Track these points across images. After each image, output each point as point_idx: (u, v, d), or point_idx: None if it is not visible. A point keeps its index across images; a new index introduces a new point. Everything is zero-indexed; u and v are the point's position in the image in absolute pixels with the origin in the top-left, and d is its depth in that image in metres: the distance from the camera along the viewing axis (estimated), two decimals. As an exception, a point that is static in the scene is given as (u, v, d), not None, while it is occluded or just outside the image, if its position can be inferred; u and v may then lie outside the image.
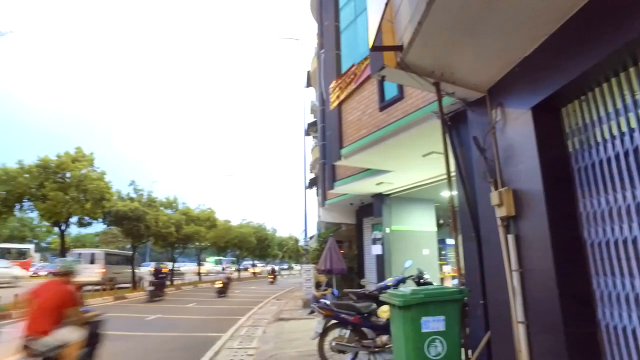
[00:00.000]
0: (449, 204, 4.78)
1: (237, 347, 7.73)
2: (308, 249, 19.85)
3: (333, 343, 5.65)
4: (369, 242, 12.98)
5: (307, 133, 26.17)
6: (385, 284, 7.39)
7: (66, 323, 4.27)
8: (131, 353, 7.34)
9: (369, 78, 7.50)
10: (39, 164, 14.41)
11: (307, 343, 7.16)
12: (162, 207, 23.78)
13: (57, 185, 14.20)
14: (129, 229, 20.32)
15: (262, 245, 40.51)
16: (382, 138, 7.08)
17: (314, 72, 23.44)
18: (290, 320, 11.15)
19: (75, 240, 53.49)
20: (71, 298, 4.36)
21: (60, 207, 13.95)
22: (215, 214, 31.80)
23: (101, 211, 15.93)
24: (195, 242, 28.99)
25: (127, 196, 21.17)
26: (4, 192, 13.89)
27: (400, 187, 10.63)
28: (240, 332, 9.42)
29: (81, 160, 15.05)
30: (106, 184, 15.44)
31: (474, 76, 4.04)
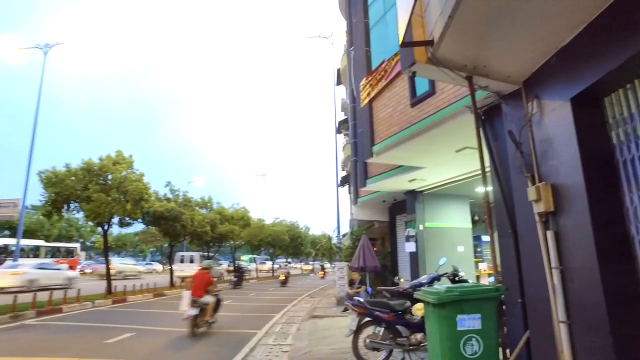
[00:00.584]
0: (484, 200, 4.66)
1: (272, 343, 7.86)
2: (341, 247, 19.87)
3: (367, 340, 5.64)
4: (402, 239, 12.85)
5: (339, 131, 26.16)
6: (419, 281, 7.30)
7: (208, 293, 9.19)
8: (169, 349, 7.59)
9: (400, 74, 7.43)
10: (83, 167, 15.14)
11: (341, 340, 7.19)
12: (197, 207, 24.38)
13: (100, 187, 14.86)
14: (166, 229, 20.99)
15: (295, 243, 40.83)
16: (414, 134, 6.99)
17: (344, 70, 23.40)
18: (324, 317, 11.21)
19: (116, 240, 55.87)
20: (210, 281, 9.46)
21: (103, 208, 14.60)
22: (249, 213, 32.35)
23: (140, 211, 16.52)
24: (229, 240, 29.58)
25: (164, 197, 21.86)
26: (54, 193, 14.69)
27: (433, 183, 10.46)
28: (275, 329, 9.56)
29: (121, 162, 15.67)
30: (145, 185, 16.00)
31: (508, 68, 3.92)
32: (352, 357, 5.80)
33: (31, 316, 10.71)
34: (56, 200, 14.83)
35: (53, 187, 14.62)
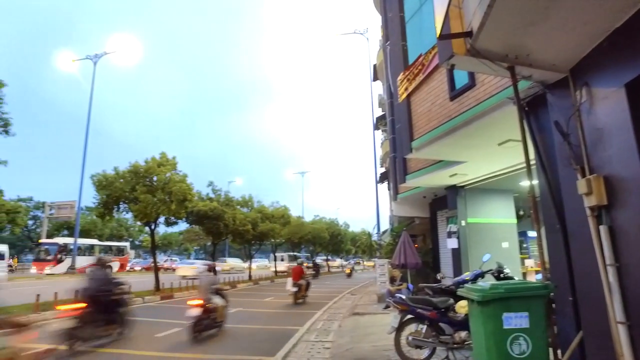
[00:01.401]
0: (529, 194, 4.49)
1: (313, 340, 7.93)
2: (381, 244, 19.71)
3: (409, 338, 5.57)
4: (443, 235, 12.58)
5: (376, 127, 25.93)
6: (462, 278, 7.13)
7: (302, 278, 14.83)
8: (213, 343, 7.84)
9: (438, 68, 7.26)
10: (130, 170, 15.87)
11: (383, 337, 7.14)
12: (238, 206, 24.96)
13: (147, 188, 15.52)
14: (209, 228, 21.64)
15: (335, 240, 40.92)
16: (454, 128, 6.83)
17: (380, 65, 23.16)
18: (366, 314, 11.18)
19: (162, 239, 58.28)
20: (303, 271, 15.34)
21: (149, 209, 15.25)
22: (289, 211, 32.74)
23: (184, 211, 17.10)
24: (270, 238, 30.07)
25: (206, 196, 22.55)
26: (105, 195, 15.52)
27: (475, 178, 10.17)
28: (317, 326, 9.63)
29: (165, 164, 16.29)
30: (188, 185, 16.55)
31: (554, 56, 3.75)
32: (394, 355, 5.75)
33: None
34: (107, 201, 15.65)
35: (104, 190, 15.45)
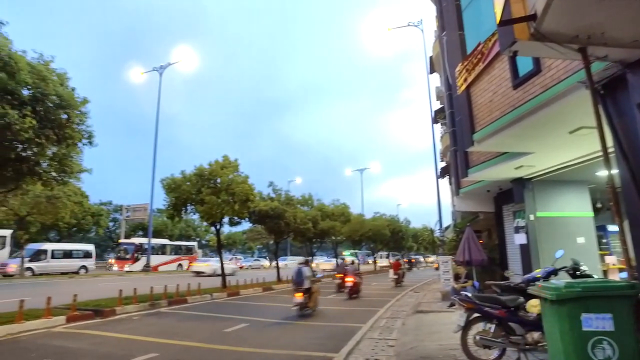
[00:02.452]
0: (608, 185, 4.14)
1: (377, 337, 7.91)
2: (444, 240, 19.17)
3: (477, 337, 5.37)
4: (510, 230, 11.96)
5: (435, 120, 25.21)
6: (533, 275, 6.73)
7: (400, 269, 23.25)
8: (279, 339, 8.06)
9: (499, 55, 6.92)
10: (196, 173, 16.73)
11: (449, 336, 6.96)
12: (299, 205, 25.38)
13: (211, 190, 16.28)
14: (271, 226, 22.23)
15: (396, 237, 40.32)
16: (518, 118, 6.47)
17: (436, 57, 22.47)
18: (429, 312, 10.94)
19: (227, 238, 60.76)
20: (400, 264, 23.98)
21: (214, 209, 15.98)
22: (349, 209, 32.79)
23: (247, 211, 17.72)
24: (331, 236, 30.30)
25: (267, 196, 23.18)
26: (174, 198, 16.52)
27: (544, 169, 9.55)
28: (380, 324, 9.59)
29: (228, 166, 16.97)
30: (250, 186, 17.13)
31: (634, 31, 3.42)
32: (461, 354, 5.58)
33: (164, 305, 12.20)
34: (176, 203, 16.63)
35: (173, 193, 16.44)
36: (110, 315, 10.25)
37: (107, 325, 9.03)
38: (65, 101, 8.43)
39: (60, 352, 6.61)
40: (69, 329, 8.59)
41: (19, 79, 7.65)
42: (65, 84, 8.64)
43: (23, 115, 7.57)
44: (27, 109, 7.76)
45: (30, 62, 8.05)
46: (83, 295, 11.12)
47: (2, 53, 7.42)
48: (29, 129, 7.60)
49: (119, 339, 7.62)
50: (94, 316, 9.95)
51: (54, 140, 8.38)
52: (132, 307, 11.15)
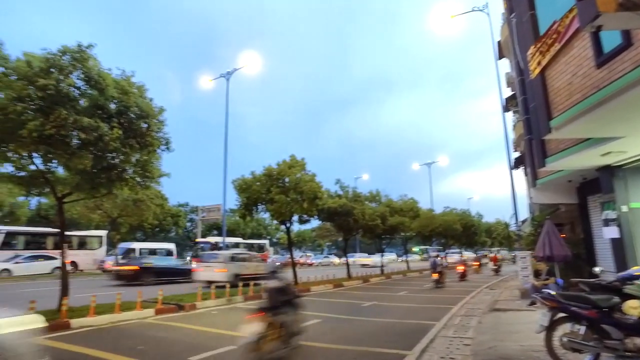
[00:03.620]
0: None
1: (451, 335, 7.66)
2: (520, 234, 18.05)
3: (564, 339, 4.97)
4: (597, 223, 10.94)
5: (506, 109, 23.80)
6: (629, 273, 6.10)
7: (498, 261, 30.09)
8: (352, 335, 8.10)
9: (578, 33, 6.36)
10: (265, 173, 17.31)
11: (531, 337, 6.56)
12: (366, 201, 25.27)
13: (280, 189, 16.76)
14: (340, 224, 22.37)
15: (468, 232, 38.68)
16: (604, 100, 5.90)
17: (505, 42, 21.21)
18: (508, 311, 10.38)
19: (297, 236, 62.23)
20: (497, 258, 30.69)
21: (284, 208, 16.43)
22: (418, 204, 32.06)
23: (315, 209, 18.01)
24: (400, 232, 29.82)
25: (335, 194, 23.34)
26: (245, 198, 17.25)
27: (637, 155, 8.62)
28: (454, 321, 9.27)
29: (295, 165, 17.35)
30: (317, 184, 17.37)
31: None
32: (545, 356, 5.22)
33: (240, 300, 12.82)
34: (247, 203, 17.35)
35: (244, 193, 17.17)
36: (192, 310, 10.98)
37: (189, 319, 9.68)
38: (145, 111, 9.14)
39: (152, 341, 7.22)
40: (157, 320, 9.34)
41: (107, 94, 8.44)
42: (144, 96, 9.36)
43: (111, 127, 8.34)
44: (114, 121, 8.54)
45: (115, 79, 8.83)
46: (167, 290, 12.02)
47: (93, 73, 8.22)
48: (116, 139, 8.35)
49: (200, 331, 8.14)
50: (177, 310, 10.73)
51: (136, 148, 9.13)
52: (210, 302, 11.85)
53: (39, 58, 7.86)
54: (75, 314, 8.77)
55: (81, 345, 6.76)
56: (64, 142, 8.00)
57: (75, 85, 8.24)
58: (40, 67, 7.73)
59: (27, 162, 8.92)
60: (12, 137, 7.77)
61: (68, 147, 8.11)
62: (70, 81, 8.06)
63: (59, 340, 7.12)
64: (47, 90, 7.57)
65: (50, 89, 7.58)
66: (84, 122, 7.81)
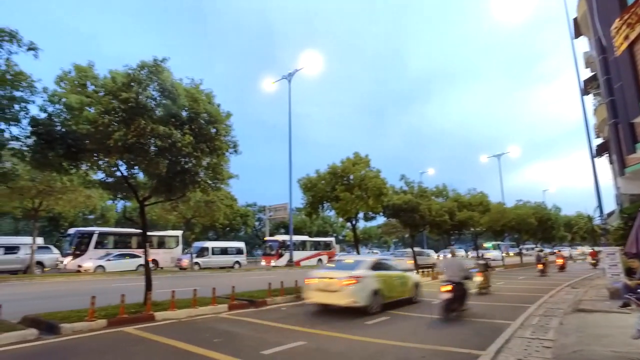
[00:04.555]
0: None
1: (529, 336, 7.22)
2: (607, 228, 16.53)
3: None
4: None
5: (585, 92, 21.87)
6: None
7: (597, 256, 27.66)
8: (421, 333, 7.93)
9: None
10: (329, 171, 17.49)
11: (624, 342, 6.02)
12: (433, 197, 24.63)
13: (345, 187, 16.83)
14: (406, 220, 22.00)
15: (544, 226, 36.18)
16: None
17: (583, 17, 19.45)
18: (594, 312, 9.58)
19: (363, 233, 62.14)
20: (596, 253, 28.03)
21: (349, 205, 16.48)
22: (488, 198, 30.61)
23: (381, 205, 17.86)
24: (469, 227, 28.69)
25: (400, 190, 23.00)
26: (311, 196, 17.55)
27: None
28: (532, 322, 8.74)
29: (359, 163, 17.34)
30: (382, 180, 17.21)
31: None
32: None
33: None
34: (313, 202, 17.64)
35: (309, 191, 17.48)
36: (262, 306, 11.38)
37: (261, 314, 10.05)
38: (213, 117, 9.63)
39: (226, 334, 7.60)
40: (231, 315, 9.81)
41: (179, 103, 9.02)
42: (212, 102, 9.86)
43: (183, 133, 8.89)
44: (185, 128, 9.10)
45: (185, 87, 9.40)
46: (239, 287, 12.57)
47: (167, 84, 8.83)
48: (189, 144, 8.89)
49: (271, 327, 8.42)
50: (249, 305, 11.18)
51: (207, 152, 9.65)
52: (280, 298, 12.20)
53: (122, 74, 8.59)
54: (159, 307, 9.48)
55: (165, 336, 7.29)
56: (143, 150, 8.68)
57: (151, 96, 8.90)
58: (123, 82, 8.44)
59: (113, 169, 9.82)
60: (101, 147, 8.58)
61: (147, 154, 8.78)
62: (147, 93, 8.74)
63: (146, 331, 7.74)
64: (129, 103, 8.25)
65: (131, 101, 8.26)
66: (159, 130, 8.41)
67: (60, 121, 8.71)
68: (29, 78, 7.91)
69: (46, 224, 38.79)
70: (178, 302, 9.80)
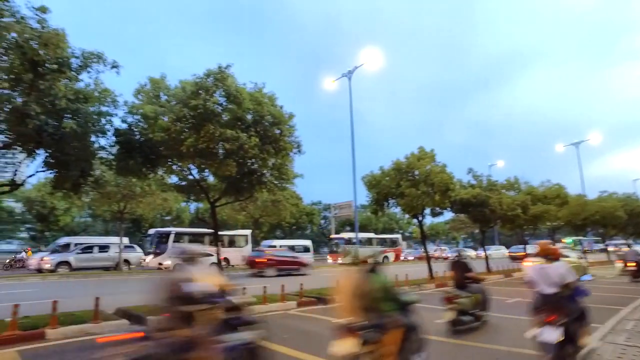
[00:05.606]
0: None
1: (623, 343, 6.57)
2: None
3: None
4: None
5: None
6: None
7: None
8: (502, 334, 7.53)
9: None
10: (394, 167, 17.19)
11: None
12: (503, 190, 23.30)
13: (410, 182, 16.44)
14: (475, 215, 21.01)
15: (636, 220, 32.73)
16: None
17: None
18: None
19: (430, 229, 60.53)
20: None
21: (415, 201, 16.08)
22: (565, 189, 28.38)
23: (448, 200, 17.25)
24: (545, 222, 26.77)
25: (467, 184, 22.02)
26: (375, 193, 17.39)
27: None
28: (625, 326, 7.94)
29: (424, 157, 16.84)
30: (449, 175, 16.59)
31: None
32: None
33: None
34: (377, 199, 17.47)
35: (374, 188, 17.33)
36: (331, 303, 11.47)
37: (329, 311, 10.13)
38: (277, 118, 9.89)
39: (295, 331, 7.78)
40: (299, 312, 10.01)
41: (244, 107, 9.39)
42: (275, 104, 10.13)
43: (249, 136, 9.23)
44: (251, 131, 9.44)
45: (249, 92, 9.75)
46: (307, 284, 12.79)
47: (231, 89, 9.23)
48: (255, 146, 9.23)
49: (341, 325, 8.44)
50: (317, 302, 11.32)
51: (272, 153, 9.95)
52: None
53: (190, 83, 9.12)
54: (232, 303, 9.93)
55: (238, 332, 7.60)
56: (213, 153, 9.15)
57: (218, 102, 9.35)
58: (192, 90, 8.95)
59: (186, 173, 10.46)
60: (175, 153, 9.18)
61: (216, 157, 9.25)
62: (214, 99, 9.20)
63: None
64: (198, 110, 8.74)
65: (200, 108, 8.74)
66: (227, 134, 8.81)
67: (138, 130, 9.47)
68: (113, 93, 8.64)
69: (130, 225, 42.27)
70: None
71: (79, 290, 13.93)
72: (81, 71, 7.82)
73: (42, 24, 6.87)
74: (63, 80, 7.53)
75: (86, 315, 7.82)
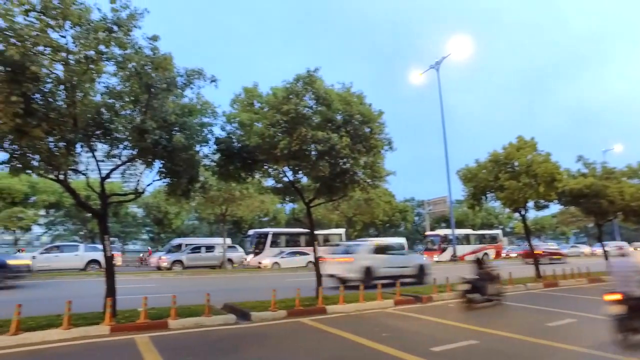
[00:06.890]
0: None
1: None
2: None
3: None
4: None
5: None
6: None
7: None
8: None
9: None
10: (490, 159, 16.16)
11: None
12: (624, 178, 20.56)
13: (509, 174, 15.30)
14: (589, 207, 18.85)
15: None
16: None
17: None
18: None
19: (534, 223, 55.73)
20: None
21: (516, 194, 14.92)
22: None
23: (554, 192, 15.75)
24: (680, 213, 23.03)
25: (577, 172, 19.87)
26: (472, 187, 16.53)
27: None
28: None
29: (524, 147, 15.55)
30: (554, 164, 15.12)
31: None
32: None
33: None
34: (475, 193, 16.58)
35: (470, 182, 16.47)
36: (428, 302, 11.18)
37: (427, 310, 9.90)
38: (366, 117, 9.91)
39: (393, 329, 7.72)
40: (396, 311, 9.91)
41: (333, 108, 9.58)
42: (363, 102, 10.15)
43: (340, 136, 9.38)
44: (342, 131, 9.58)
45: (338, 92, 9.90)
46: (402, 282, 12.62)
47: (320, 92, 9.47)
48: (346, 146, 9.34)
49: (439, 323, 8.22)
50: (414, 301, 11.12)
51: (363, 152, 9.99)
52: (446, 294, 11.81)
53: (281, 89, 9.55)
54: (329, 301, 10.16)
55: (337, 328, 7.78)
56: (306, 155, 9.47)
57: (308, 105, 9.65)
58: (283, 96, 9.36)
59: (281, 176, 10.98)
60: (270, 157, 9.68)
61: (309, 159, 9.55)
62: (304, 103, 9.51)
63: (319, 322, 8.39)
64: (289, 114, 9.10)
65: (292, 113, 9.09)
66: (318, 135, 9.05)
67: (236, 137, 10.18)
68: (212, 105, 9.39)
69: (231, 226, 45.45)
70: (346, 296, 10.33)
71: (191, 286, 15.39)
72: (185, 88, 8.64)
73: (154, 51, 7.72)
74: (171, 97, 8.40)
75: (199, 309, 8.60)
